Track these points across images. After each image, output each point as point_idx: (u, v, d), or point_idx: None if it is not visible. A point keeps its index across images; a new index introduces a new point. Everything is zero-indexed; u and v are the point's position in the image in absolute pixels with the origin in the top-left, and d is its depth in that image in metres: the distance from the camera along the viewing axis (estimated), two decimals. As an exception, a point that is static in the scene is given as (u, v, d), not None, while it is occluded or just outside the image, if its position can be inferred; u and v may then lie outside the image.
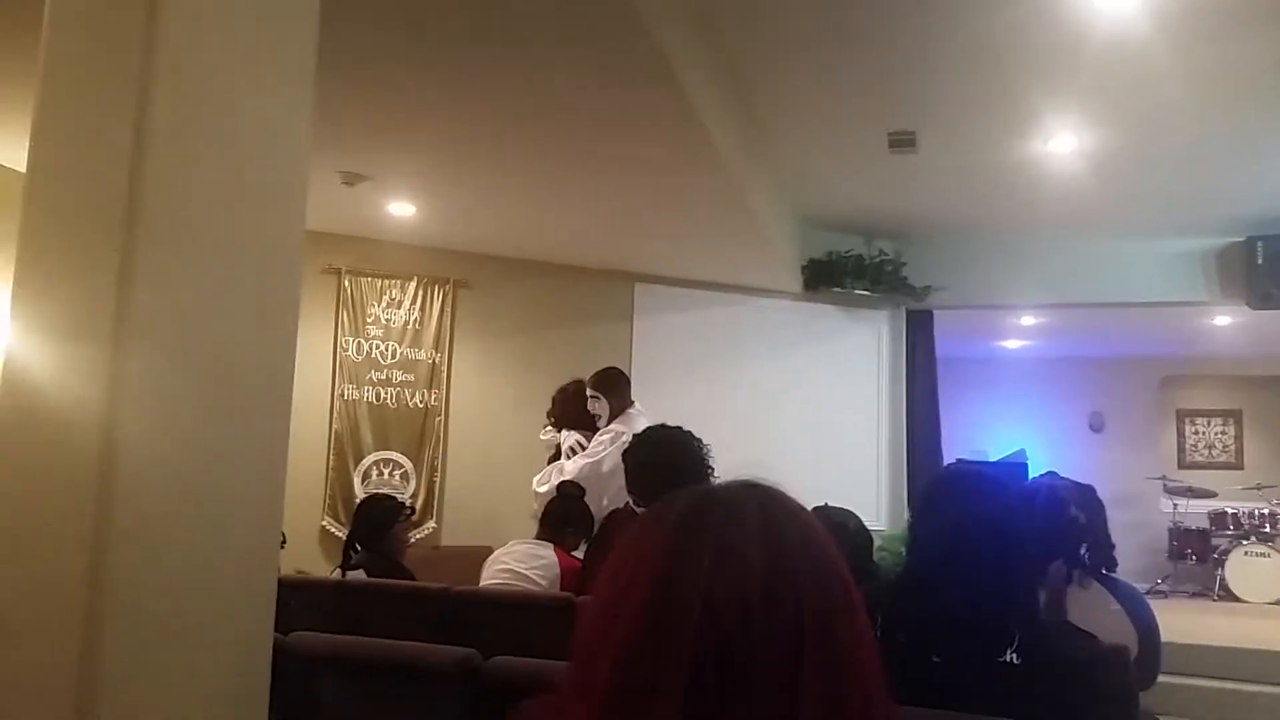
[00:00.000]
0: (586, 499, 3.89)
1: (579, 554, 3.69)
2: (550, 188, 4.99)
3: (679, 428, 3.07)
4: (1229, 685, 5.76)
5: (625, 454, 3.15)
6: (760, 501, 0.80)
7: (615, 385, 4.67)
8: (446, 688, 1.80)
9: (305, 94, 1.74)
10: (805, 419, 6.46)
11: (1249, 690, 5.70)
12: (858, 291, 6.75)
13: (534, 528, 3.82)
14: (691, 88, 3.61)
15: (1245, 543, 9.30)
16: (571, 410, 4.53)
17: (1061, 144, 5.10)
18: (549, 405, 4.70)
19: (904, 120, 4.90)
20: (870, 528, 2.91)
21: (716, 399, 6.55)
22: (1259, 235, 6.34)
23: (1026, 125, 4.90)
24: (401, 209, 5.53)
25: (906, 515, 6.62)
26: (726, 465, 2.25)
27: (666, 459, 2.92)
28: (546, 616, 2.85)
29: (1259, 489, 9.92)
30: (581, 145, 4.32)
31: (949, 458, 7.41)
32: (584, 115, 3.96)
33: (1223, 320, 8.59)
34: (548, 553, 3.58)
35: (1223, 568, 9.23)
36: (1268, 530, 9.46)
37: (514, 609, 3.05)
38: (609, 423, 4.46)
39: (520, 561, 3.57)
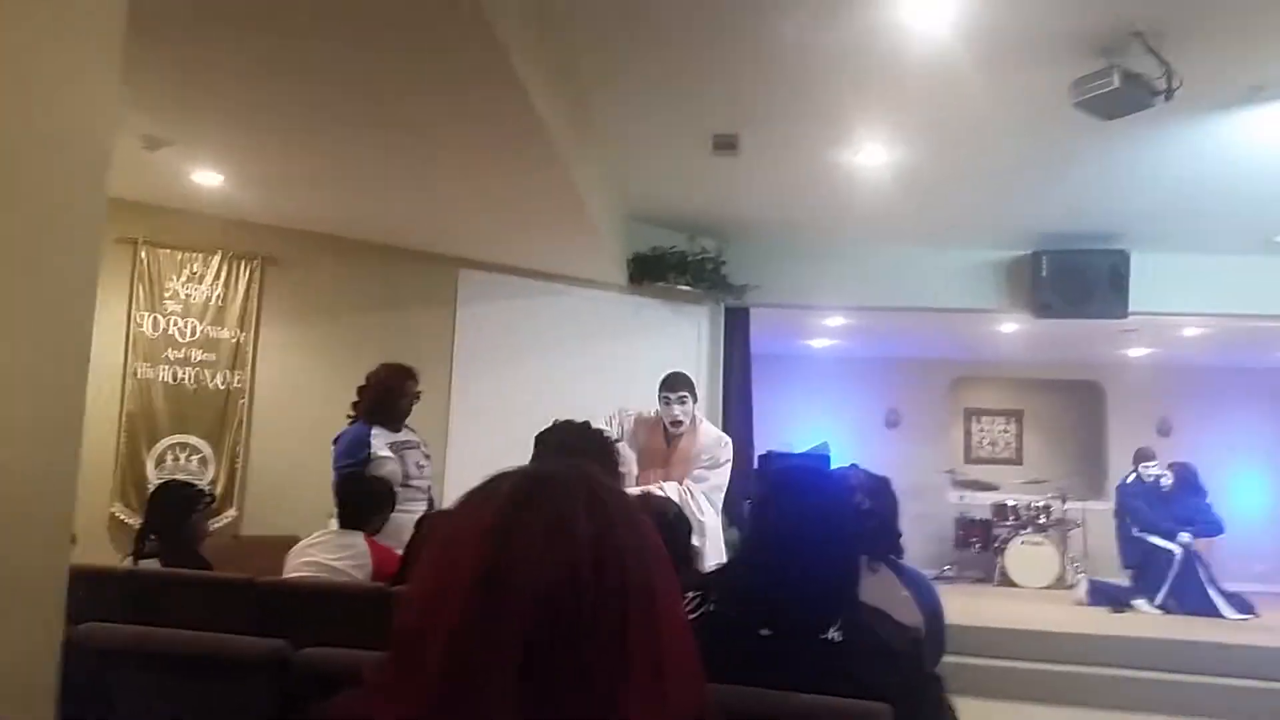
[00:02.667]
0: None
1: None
2: (371, 165, 4.80)
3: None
4: (1007, 664, 6.24)
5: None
6: (585, 480, 0.81)
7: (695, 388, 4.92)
8: (255, 680, 1.70)
9: (112, 43, 1.59)
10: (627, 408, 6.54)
11: (1024, 668, 6.21)
12: (680, 287, 6.89)
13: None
14: (524, 73, 3.56)
15: (1023, 532, 10.14)
16: (378, 399, 4.20)
17: (871, 155, 5.37)
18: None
19: (727, 123, 5.03)
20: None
21: (540, 388, 6.52)
22: (1044, 250, 6.90)
23: (840, 136, 5.14)
24: (207, 178, 5.18)
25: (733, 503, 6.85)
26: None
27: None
28: (358, 607, 2.75)
29: (1036, 483, 10.84)
30: (406, 123, 4.17)
31: (759, 450, 7.69)
32: (410, 92, 3.82)
33: (1009, 327, 9.32)
34: (358, 541, 3.45)
35: (1003, 555, 10.01)
36: (1043, 521, 10.34)
37: (324, 600, 2.92)
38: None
39: (329, 552, 3.42)
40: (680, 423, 4.84)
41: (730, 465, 4.94)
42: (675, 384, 4.90)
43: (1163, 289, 6.94)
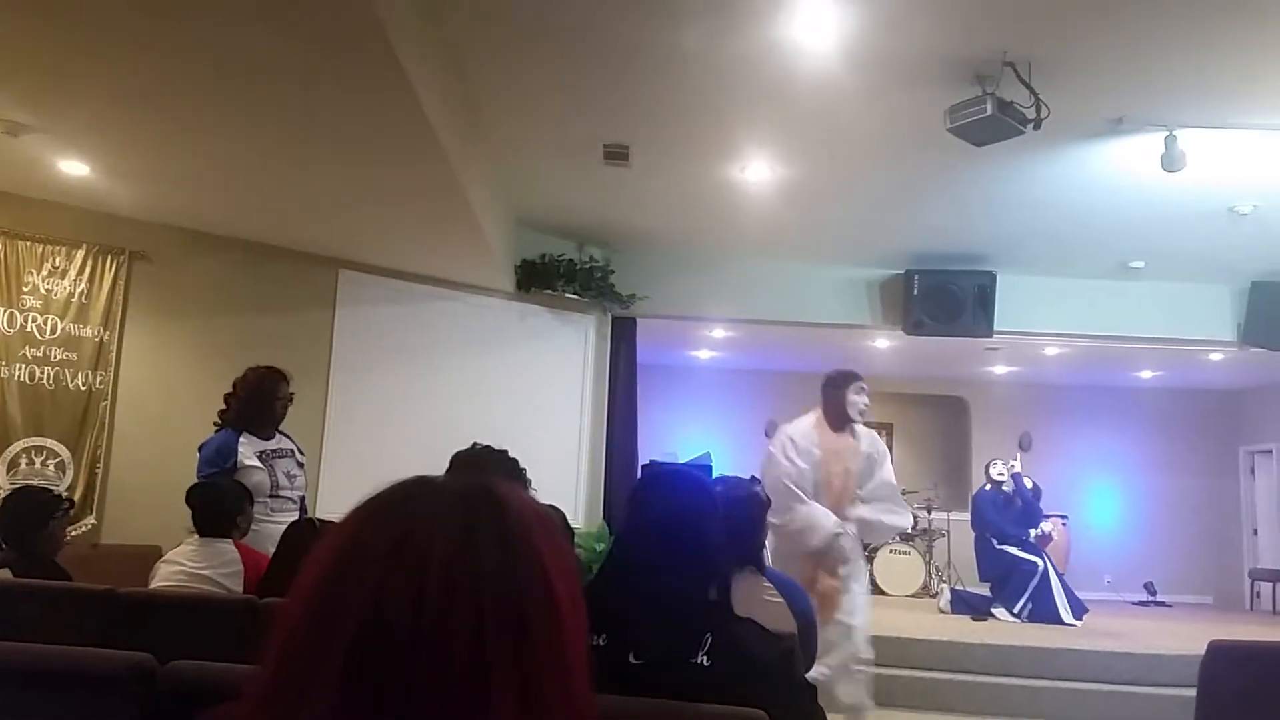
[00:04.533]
0: None
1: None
2: (247, 158, 4.61)
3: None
4: (874, 670, 6.43)
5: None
6: (466, 495, 0.78)
7: None
8: (117, 696, 1.61)
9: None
10: (512, 417, 6.48)
11: (889, 674, 6.39)
12: (568, 295, 6.90)
13: None
14: (410, 66, 3.48)
15: (891, 542, 10.48)
16: (247, 405, 3.98)
17: (757, 172, 5.50)
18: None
19: (619, 134, 5.07)
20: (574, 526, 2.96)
21: (424, 394, 6.43)
22: (916, 269, 7.18)
23: (729, 151, 5.25)
24: (73, 167, 4.91)
25: (603, 513, 6.89)
26: (435, 461, 2.19)
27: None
28: (227, 618, 2.64)
29: (904, 494, 11.16)
30: (286, 115, 4.01)
31: (644, 459, 7.75)
32: (291, 83, 3.67)
33: (882, 343, 9.65)
34: (228, 548, 3.32)
35: (872, 564, 10.32)
36: (909, 531, 10.71)
37: (191, 611, 2.79)
38: None
39: (199, 561, 3.27)
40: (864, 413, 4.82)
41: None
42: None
43: (1026, 310, 7.32)
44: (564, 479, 6.66)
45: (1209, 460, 11.93)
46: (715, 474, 8.06)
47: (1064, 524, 10.85)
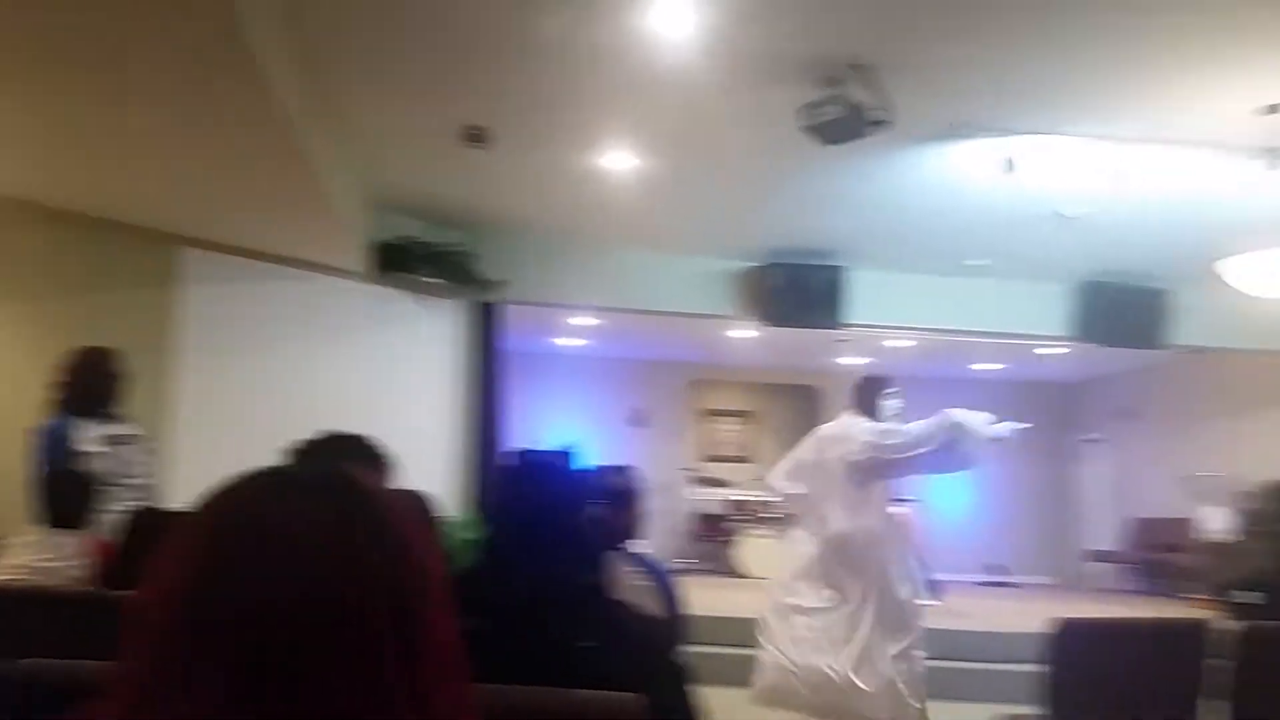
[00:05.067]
0: None
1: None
2: (74, 120, 4.19)
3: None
4: (738, 651, 6.57)
5: None
6: (330, 486, 0.77)
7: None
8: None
9: None
10: (373, 405, 6.27)
11: (749, 653, 6.55)
12: (429, 280, 6.75)
13: None
14: (251, 30, 3.29)
15: (754, 525, 10.79)
16: (78, 388, 3.80)
17: (618, 160, 5.51)
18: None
19: (479, 116, 4.98)
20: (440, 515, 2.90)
21: (282, 379, 6.17)
22: (773, 262, 7.36)
23: (591, 138, 5.24)
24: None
25: (473, 502, 6.79)
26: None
27: None
28: (75, 612, 2.47)
29: (764, 479, 11.51)
30: (115, 73, 3.66)
31: (513, 447, 7.67)
32: (119, 35, 3.35)
33: (742, 333, 9.85)
34: (73, 540, 3.13)
35: (735, 548, 10.60)
36: (770, 515, 11.04)
37: (34, 606, 2.60)
38: None
39: (41, 553, 3.08)
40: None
41: None
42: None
43: (873, 303, 7.59)
44: (430, 467, 6.50)
45: (1047, 448, 12.67)
46: (584, 461, 8.05)
47: (916, 508, 11.33)
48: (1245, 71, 4.08)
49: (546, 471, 1.83)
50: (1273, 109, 4.34)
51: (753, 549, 10.45)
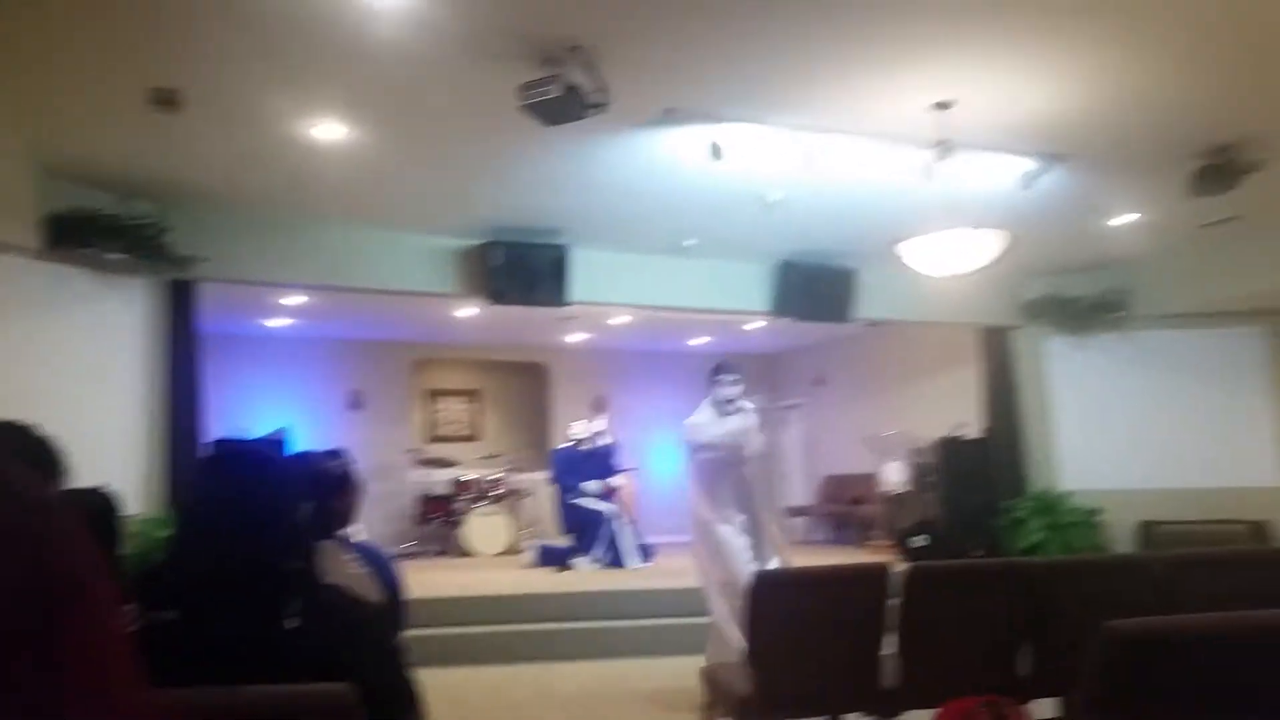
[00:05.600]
0: None
1: None
2: None
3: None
4: (464, 630, 6.55)
5: None
6: None
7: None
8: None
9: None
10: (48, 394, 5.57)
11: (478, 631, 6.56)
12: (112, 256, 6.09)
13: None
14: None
15: (480, 504, 10.75)
16: None
17: (330, 131, 5.24)
18: None
19: (169, 77, 4.54)
20: (128, 512, 2.67)
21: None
22: (497, 240, 7.33)
23: (299, 107, 4.93)
24: None
25: (168, 497, 6.23)
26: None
27: None
28: None
29: (492, 458, 11.53)
30: None
31: (212, 437, 7.13)
32: None
33: (467, 312, 9.76)
34: None
35: (462, 528, 10.53)
36: (498, 493, 11.07)
37: None
38: None
39: None
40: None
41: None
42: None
43: (597, 281, 7.78)
44: (117, 461, 5.88)
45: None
46: (294, 448, 7.71)
47: (634, 476, 11.78)
48: (920, 72, 4.55)
49: (245, 460, 1.78)
50: (942, 105, 4.88)
51: (477, 526, 10.44)
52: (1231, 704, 2.14)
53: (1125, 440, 8.58)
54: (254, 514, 1.66)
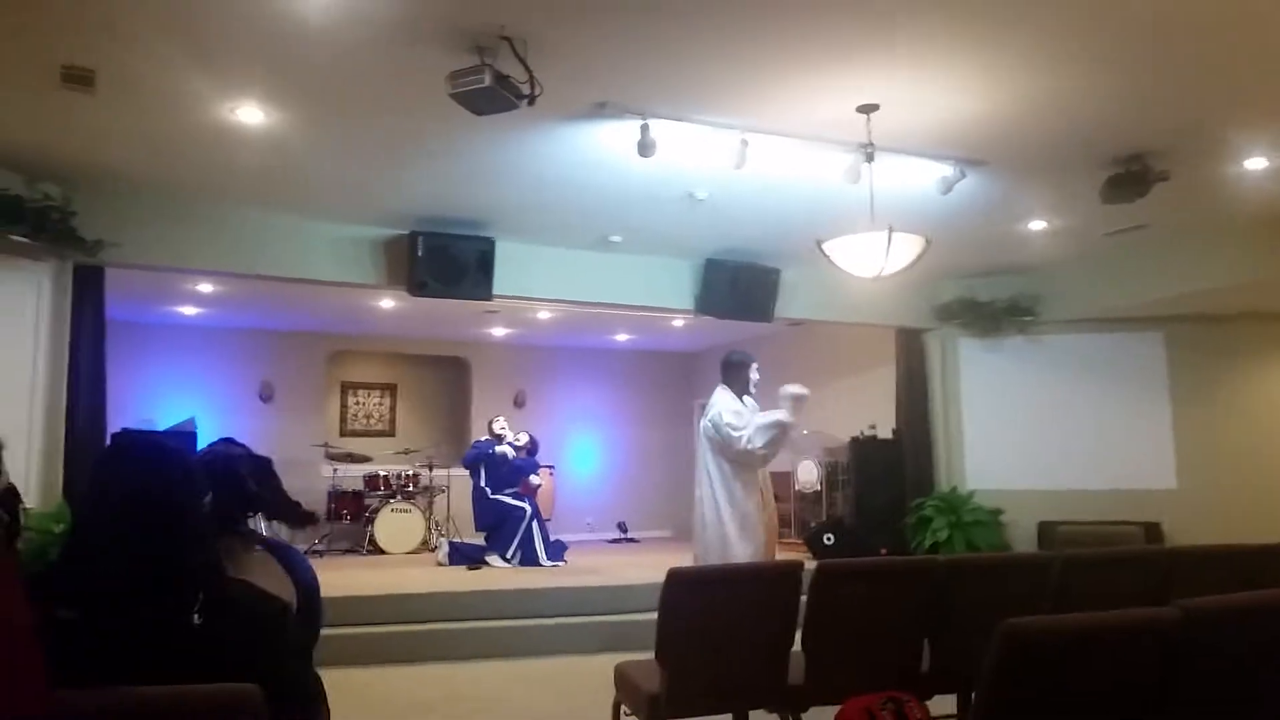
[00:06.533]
0: None
1: None
2: None
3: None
4: (374, 629, 6.46)
5: None
6: None
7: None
8: None
9: None
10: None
11: (389, 631, 6.48)
12: (15, 238, 5.85)
13: None
14: None
15: (393, 501, 10.57)
16: None
17: (249, 115, 5.11)
18: None
19: (82, 55, 4.38)
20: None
21: None
22: (421, 231, 7.24)
23: (217, 90, 4.80)
24: None
25: (63, 489, 6.00)
26: None
27: None
28: None
29: (407, 453, 11.36)
30: None
31: (115, 428, 6.90)
32: None
33: (387, 303, 9.62)
34: None
35: (373, 525, 10.34)
36: (411, 489, 10.90)
37: None
38: None
39: None
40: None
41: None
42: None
43: (522, 275, 7.74)
44: (11, 453, 5.66)
45: (669, 413, 13.68)
46: (202, 439, 7.52)
47: (552, 473, 11.75)
48: (846, 75, 4.63)
49: (148, 451, 1.75)
50: (867, 109, 4.98)
51: (389, 524, 10.29)
52: (1121, 699, 2.24)
53: (1029, 441, 8.88)
54: (157, 508, 1.63)
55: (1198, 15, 4.02)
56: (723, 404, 5.86)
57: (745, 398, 5.98)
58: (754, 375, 6.05)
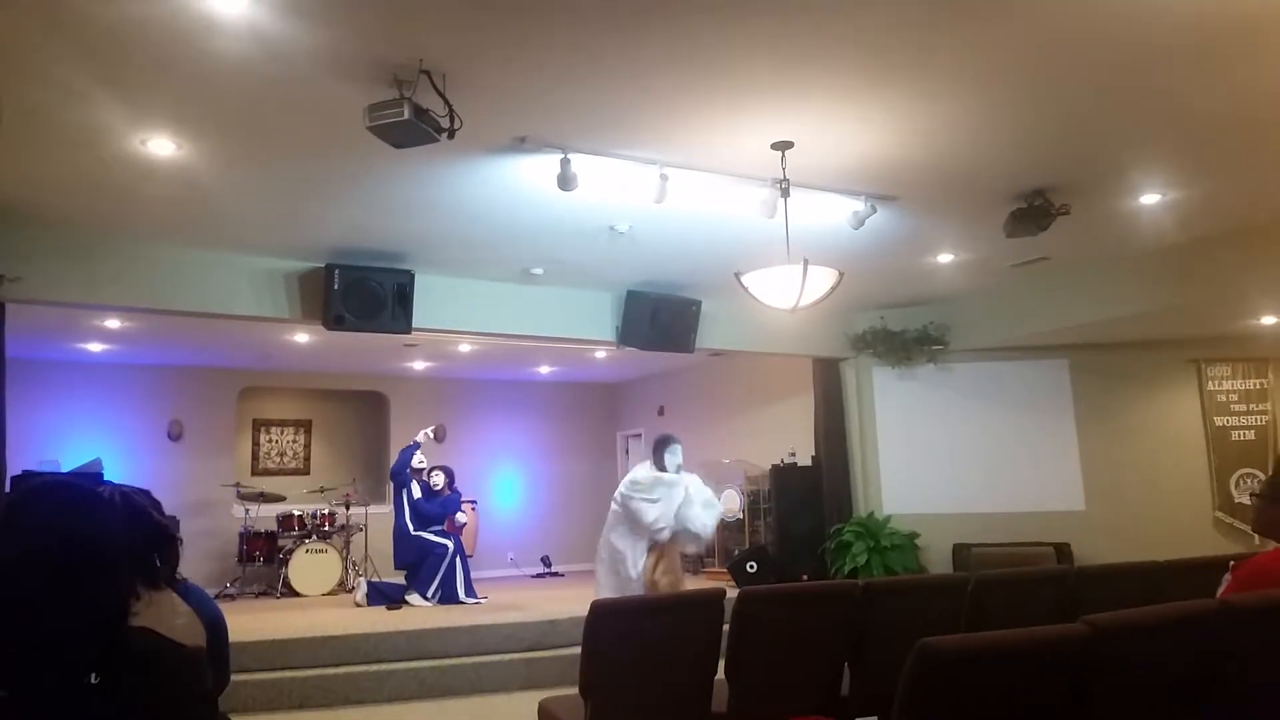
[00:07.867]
0: None
1: None
2: None
3: None
4: (288, 674, 6.27)
5: None
6: None
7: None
8: None
9: None
10: None
11: (304, 675, 6.29)
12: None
13: None
14: None
15: (308, 541, 10.29)
16: None
17: (160, 147, 5.00)
18: None
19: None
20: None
21: None
22: (337, 264, 7.13)
23: (126, 122, 4.67)
24: None
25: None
26: None
27: None
28: None
29: (322, 491, 11.09)
30: None
31: (15, 469, 6.60)
32: None
33: (301, 338, 9.44)
34: None
35: (287, 566, 10.04)
36: (327, 528, 10.62)
37: None
38: None
39: None
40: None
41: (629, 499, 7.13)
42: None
43: (442, 308, 7.68)
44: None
45: (593, 444, 13.67)
46: (102, 482, 7.21)
47: (474, 509, 11.61)
48: (761, 113, 4.75)
49: (56, 498, 1.62)
50: (781, 145, 5.10)
51: (304, 565, 10.01)
52: (1035, 714, 2.31)
53: (943, 466, 9.12)
54: (55, 557, 1.51)
55: (1092, 62, 4.24)
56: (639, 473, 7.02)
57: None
58: (675, 460, 7.14)
